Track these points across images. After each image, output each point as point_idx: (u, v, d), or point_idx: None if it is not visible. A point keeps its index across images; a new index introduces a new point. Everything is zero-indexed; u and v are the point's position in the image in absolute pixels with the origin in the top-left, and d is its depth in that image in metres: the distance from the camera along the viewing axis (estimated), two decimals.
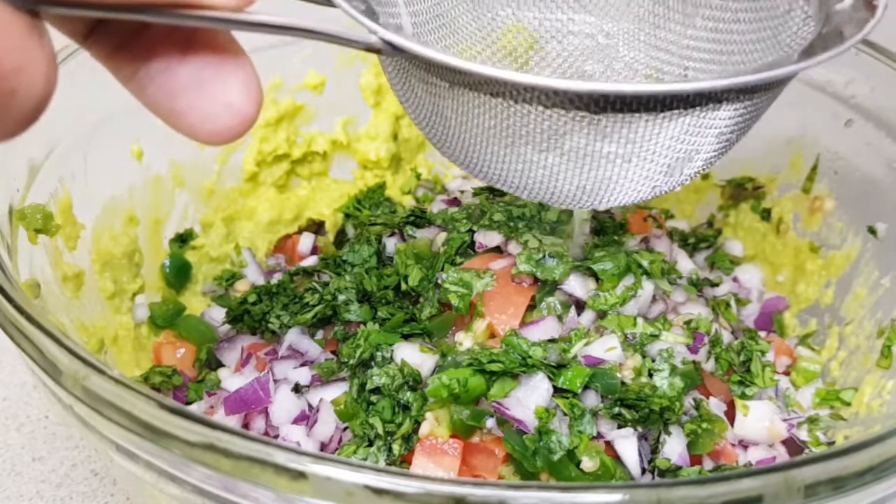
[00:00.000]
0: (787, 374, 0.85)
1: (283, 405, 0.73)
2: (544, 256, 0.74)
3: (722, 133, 0.55)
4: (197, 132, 0.42)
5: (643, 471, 0.67)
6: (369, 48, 0.48)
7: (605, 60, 0.71)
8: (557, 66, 0.71)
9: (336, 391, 0.73)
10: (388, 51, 0.49)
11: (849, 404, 0.80)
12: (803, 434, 0.79)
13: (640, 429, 0.68)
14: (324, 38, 0.45)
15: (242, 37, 0.43)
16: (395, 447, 0.68)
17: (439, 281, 0.75)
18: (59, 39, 0.41)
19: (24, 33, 0.34)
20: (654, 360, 0.71)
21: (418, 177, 1.04)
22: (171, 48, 0.41)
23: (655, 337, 0.73)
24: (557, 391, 0.68)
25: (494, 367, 0.67)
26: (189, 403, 0.79)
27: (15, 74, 0.33)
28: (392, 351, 0.72)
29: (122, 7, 0.38)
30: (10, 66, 0.33)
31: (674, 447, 0.69)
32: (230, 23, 0.40)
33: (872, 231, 0.84)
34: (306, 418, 0.73)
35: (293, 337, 0.78)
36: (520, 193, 0.58)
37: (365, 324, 0.76)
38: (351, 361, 0.73)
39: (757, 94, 0.54)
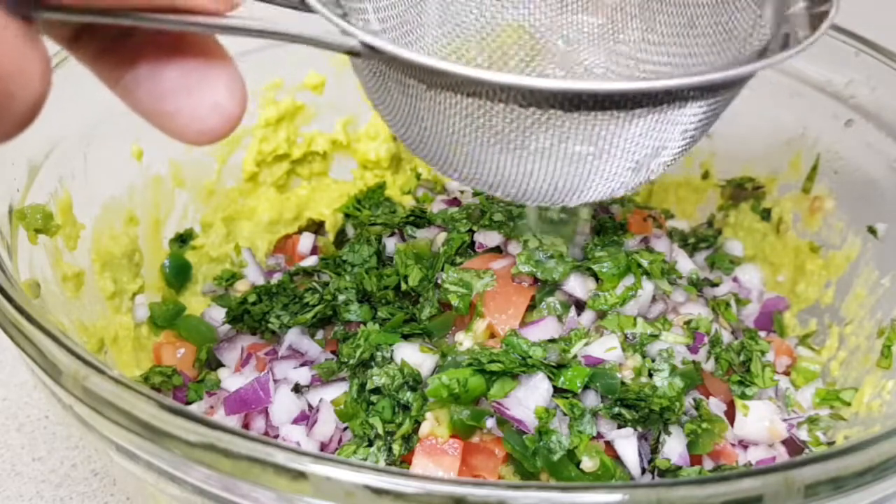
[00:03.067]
0: (787, 374, 0.85)
1: (283, 405, 0.73)
2: (544, 256, 0.74)
3: (686, 130, 0.57)
4: (185, 133, 0.42)
5: (643, 471, 0.67)
6: (349, 51, 0.49)
7: (565, 64, 0.73)
8: (517, 68, 0.72)
9: (336, 391, 0.73)
10: (367, 53, 0.50)
11: (849, 404, 0.80)
12: (803, 434, 0.79)
13: (640, 429, 0.68)
14: (304, 41, 0.46)
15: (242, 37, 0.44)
16: (395, 447, 0.68)
17: (439, 281, 0.75)
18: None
19: (20, 38, 0.35)
20: (654, 360, 0.71)
21: (418, 177, 1.04)
22: (157, 52, 0.42)
23: (655, 337, 0.73)
24: (557, 391, 0.68)
25: (494, 367, 0.67)
26: (189, 403, 0.79)
27: (12, 78, 0.34)
28: (392, 351, 0.72)
29: (110, 11, 0.39)
30: (7, 70, 0.34)
31: (674, 447, 0.69)
32: (212, 27, 0.41)
33: (872, 231, 0.84)
34: (306, 418, 0.73)
35: (293, 337, 0.78)
36: (494, 192, 0.60)
37: (365, 324, 0.76)
38: (351, 361, 0.73)
39: (720, 93, 0.57)
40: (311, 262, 0.89)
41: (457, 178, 0.60)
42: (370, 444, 0.69)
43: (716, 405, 0.74)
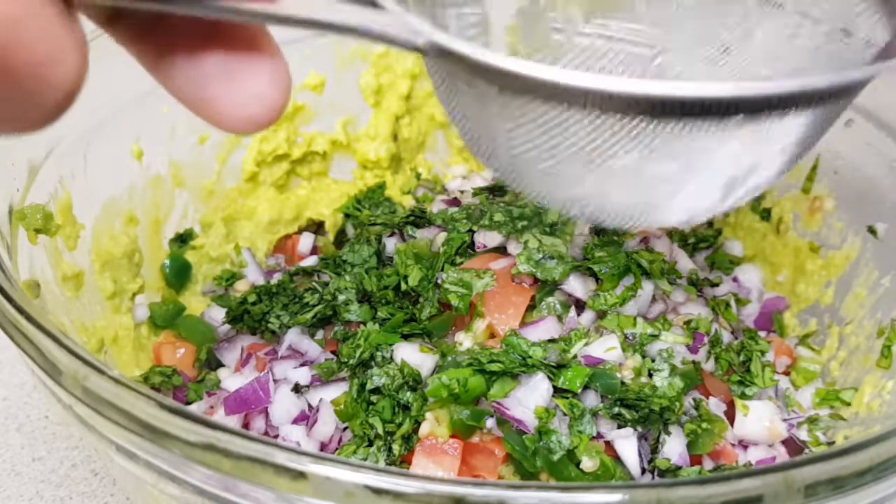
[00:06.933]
0: (787, 374, 0.85)
1: (283, 405, 0.73)
2: (544, 256, 0.74)
3: (785, 148, 0.51)
4: (225, 121, 0.41)
5: (643, 471, 0.67)
6: (415, 49, 0.44)
7: (657, 73, 0.67)
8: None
9: (336, 391, 0.73)
10: (434, 52, 0.44)
11: (849, 404, 0.80)
12: (803, 434, 0.79)
13: (639, 429, 0.68)
14: (365, 36, 0.41)
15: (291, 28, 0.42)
16: (395, 447, 0.68)
17: (439, 281, 0.75)
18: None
19: (57, 20, 0.33)
20: (653, 360, 0.71)
21: (418, 177, 1.04)
22: (197, 37, 0.40)
23: (655, 337, 0.73)
24: (557, 391, 0.68)
25: (494, 367, 0.67)
26: (189, 403, 0.79)
27: (48, 63, 0.33)
28: (392, 351, 0.72)
29: None
30: (43, 55, 0.32)
31: (674, 447, 0.69)
32: (259, 16, 0.39)
33: (872, 231, 0.84)
34: (306, 418, 0.73)
35: (293, 337, 0.78)
36: (569, 211, 0.55)
37: (365, 324, 0.76)
38: (351, 361, 0.73)
39: (830, 101, 0.50)
40: (311, 262, 0.89)
41: (531, 196, 0.56)
42: (370, 444, 0.69)
43: (716, 405, 0.74)
